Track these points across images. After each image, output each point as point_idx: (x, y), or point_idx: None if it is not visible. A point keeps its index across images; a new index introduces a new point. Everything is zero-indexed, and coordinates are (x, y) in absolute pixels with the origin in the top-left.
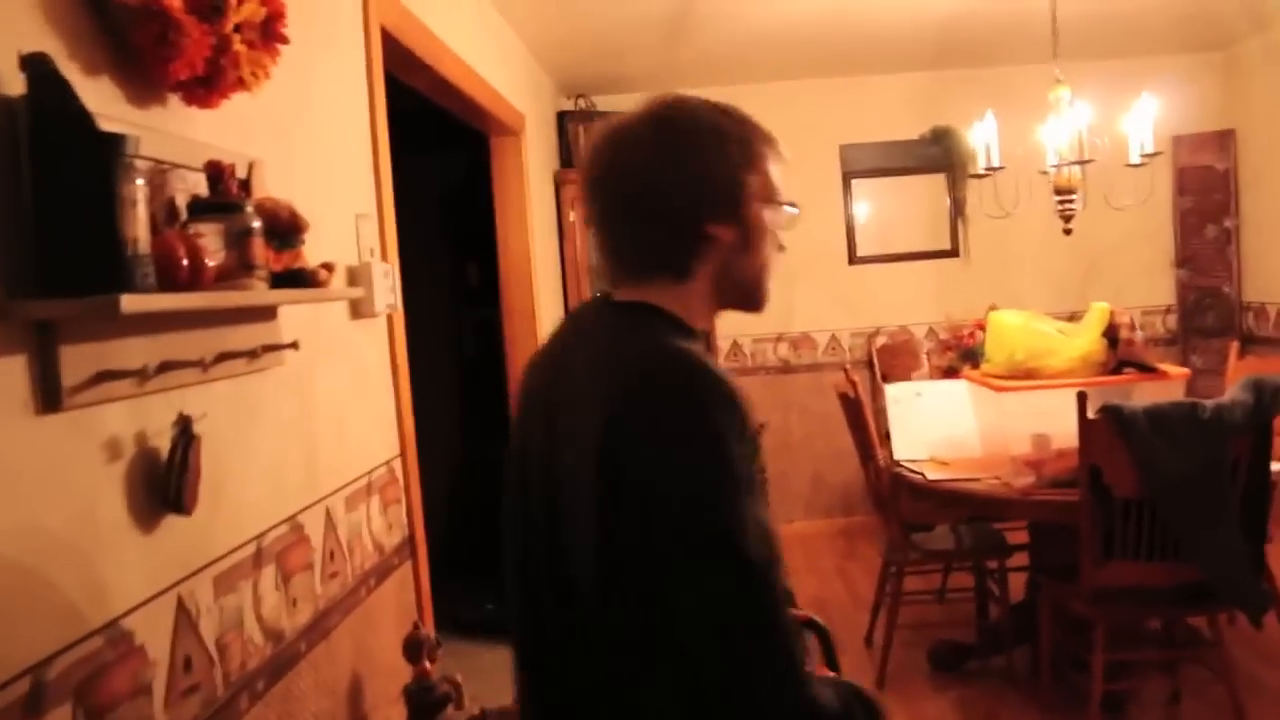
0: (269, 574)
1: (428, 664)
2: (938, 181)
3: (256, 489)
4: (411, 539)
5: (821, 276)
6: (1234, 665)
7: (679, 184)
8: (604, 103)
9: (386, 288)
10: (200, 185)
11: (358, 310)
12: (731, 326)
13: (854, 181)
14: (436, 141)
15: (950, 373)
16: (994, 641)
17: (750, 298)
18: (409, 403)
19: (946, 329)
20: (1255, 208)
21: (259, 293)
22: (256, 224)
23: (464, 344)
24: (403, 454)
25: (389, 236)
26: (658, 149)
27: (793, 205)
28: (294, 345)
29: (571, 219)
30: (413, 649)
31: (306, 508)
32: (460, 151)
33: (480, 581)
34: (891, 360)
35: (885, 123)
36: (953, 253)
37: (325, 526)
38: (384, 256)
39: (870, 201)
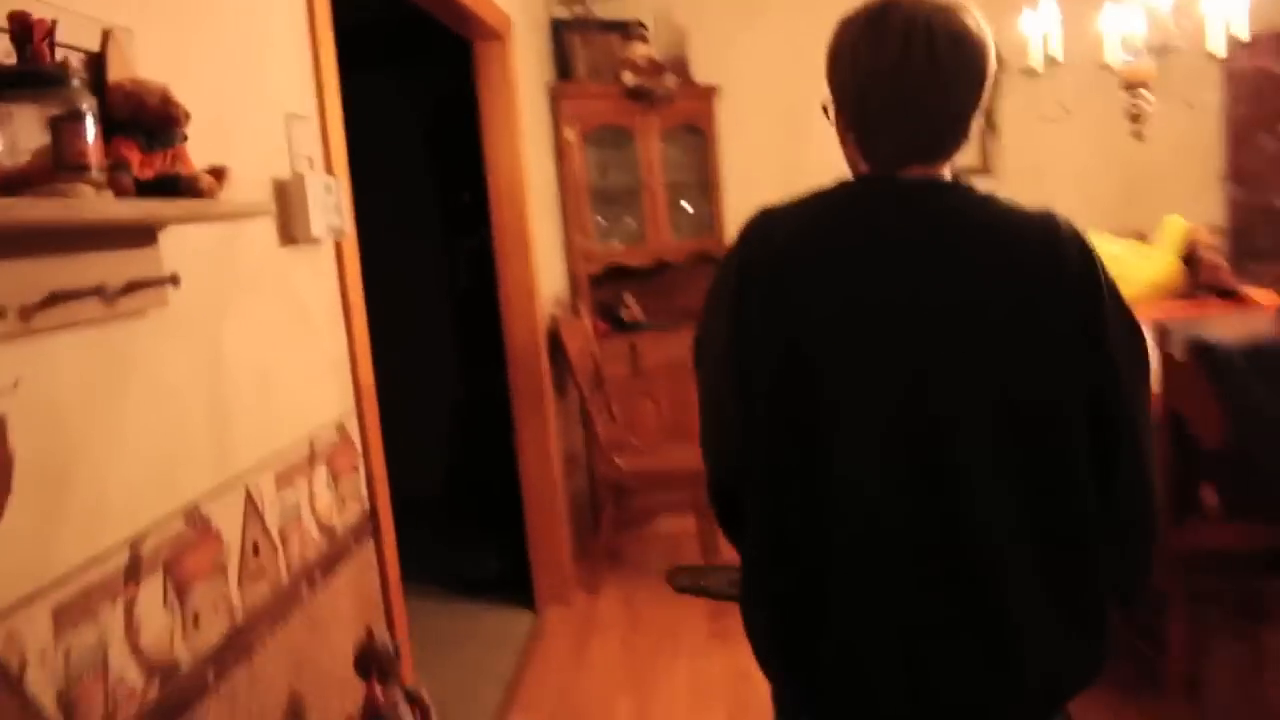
0: (152, 588)
1: (381, 684)
2: None
3: (128, 476)
4: (373, 513)
5: None
6: None
7: (978, 81)
8: (603, 10)
9: (328, 206)
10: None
11: (289, 234)
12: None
13: None
14: (423, 55)
15: None
16: None
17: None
18: (365, 346)
19: None
20: None
21: (87, 202)
22: (86, 105)
23: (457, 275)
24: (359, 409)
25: (334, 144)
26: (966, 48)
27: None
28: (173, 280)
29: (568, 136)
30: (362, 663)
31: (212, 493)
32: (449, 66)
33: (485, 533)
34: None
35: None
36: (981, 169)
37: (244, 514)
38: (328, 168)
39: None
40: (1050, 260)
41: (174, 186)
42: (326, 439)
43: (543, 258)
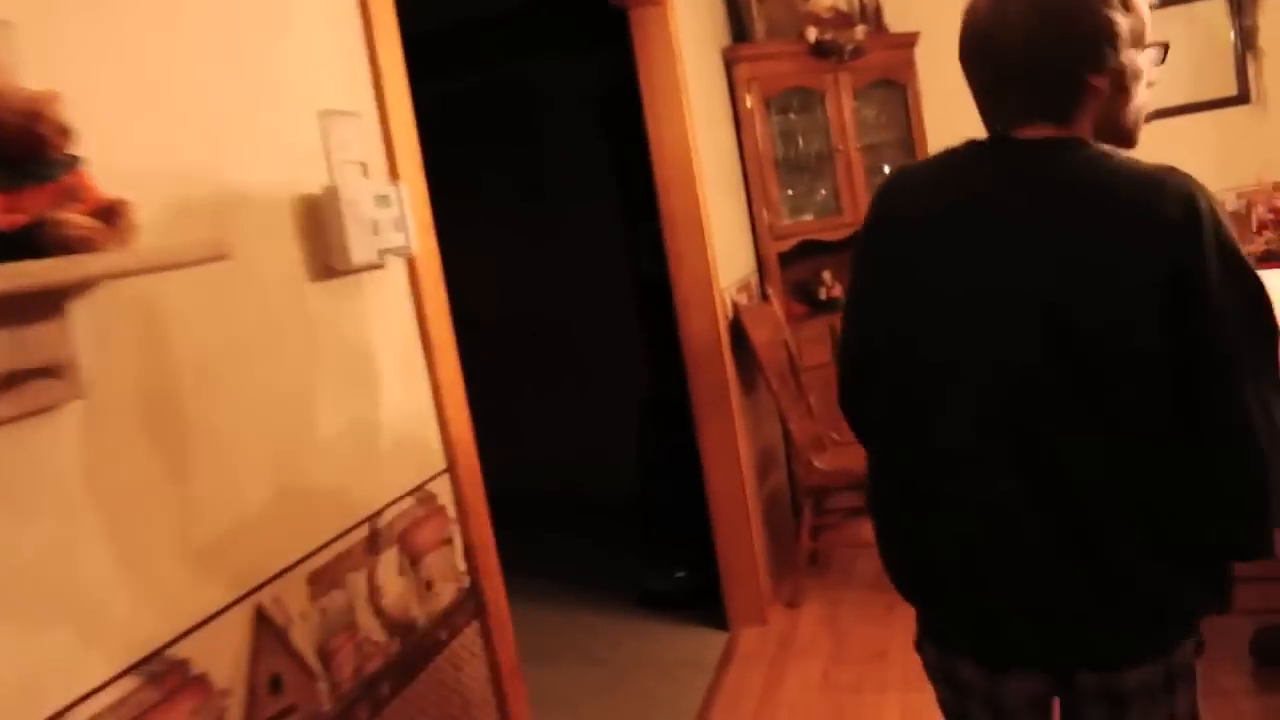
0: None
1: None
2: (1214, 8)
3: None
4: (474, 590)
5: None
6: None
7: (1062, 41)
8: None
9: (386, 222)
10: None
11: (323, 265)
12: None
13: None
14: (593, 40)
15: (1271, 260)
16: None
17: (1127, 137)
18: (458, 389)
19: (1250, 198)
20: None
21: None
22: None
23: (639, 263)
24: (452, 467)
25: (402, 144)
26: (1038, 9)
27: (1161, 44)
28: (46, 373)
29: (749, 104)
30: None
31: (187, 633)
32: (620, 46)
33: (672, 545)
34: None
35: None
36: (1240, 98)
37: (252, 646)
38: (392, 173)
39: None
40: (1146, 218)
41: (28, 242)
42: (399, 515)
43: (723, 240)
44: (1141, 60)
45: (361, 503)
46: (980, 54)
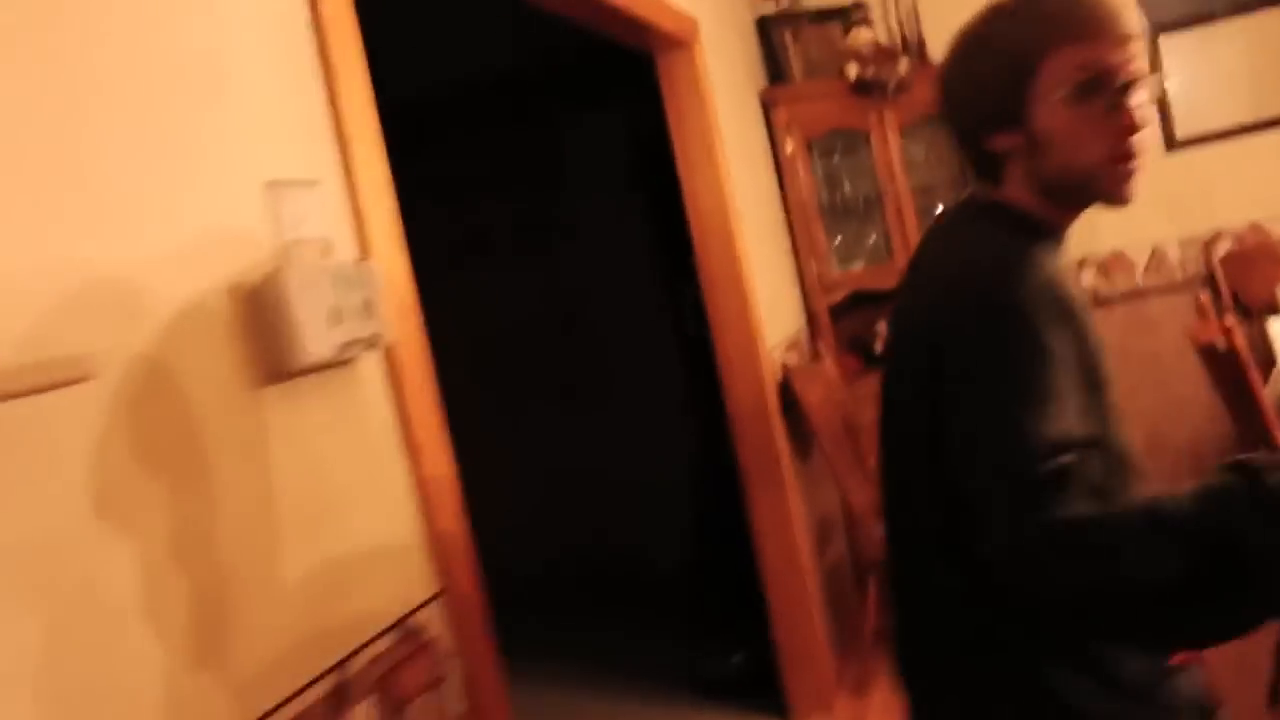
0: None
1: None
2: (1277, 18)
3: None
4: None
5: None
6: None
7: (961, 100)
8: None
9: (353, 308)
10: None
11: (272, 366)
12: None
13: (1160, 38)
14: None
15: None
16: None
17: (1082, 193)
18: (452, 495)
19: None
20: None
21: None
22: None
23: (683, 321)
24: (444, 591)
25: (374, 215)
26: (950, 64)
27: (1130, 81)
28: None
29: (789, 149)
30: None
31: None
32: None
33: (729, 617)
34: (1244, 274)
35: None
36: None
37: None
38: (363, 250)
39: (1185, 62)
40: (948, 306)
41: None
42: (375, 658)
43: (768, 296)
44: (1078, 104)
45: (323, 651)
46: None
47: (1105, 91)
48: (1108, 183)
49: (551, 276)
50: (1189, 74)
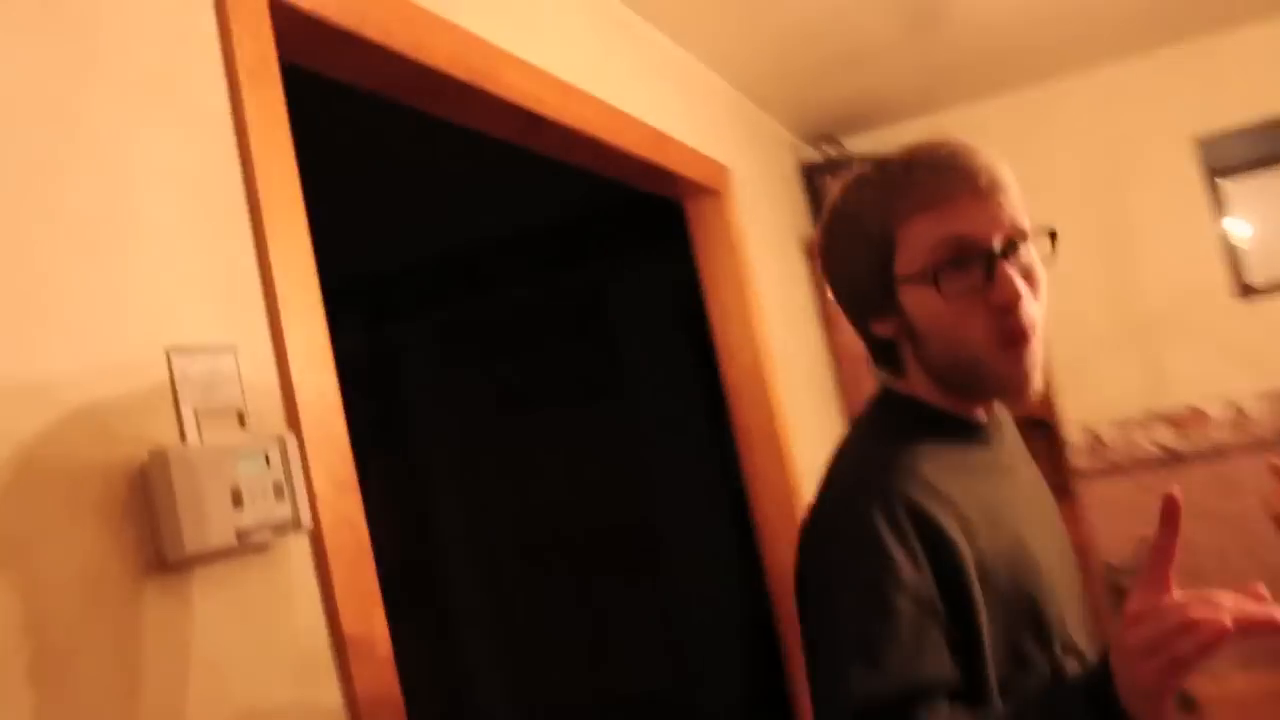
0: None
1: None
2: None
3: None
4: None
5: (1198, 322)
6: None
7: (838, 283)
8: (860, 144)
9: (260, 488)
10: None
11: (155, 554)
12: (1082, 409)
13: (1223, 183)
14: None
15: None
16: None
17: (978, 385)
18: (395, 710)
19: None
20: None
21: None
22: None
23: (730, 481)
24: None
25: (306, 382)
26: (823, 242)
27: (991, 244)
28: None
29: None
30: None
31: None
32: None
33: None
34: None
35: (1256, 93)
36: None
37: None
38: (291, 422)
39: (1255, 206)
40: (805, 524)
41: None
42: None
43: (810, 454)
44: (935, 290)
45: None
46: None
47: (970, 265)
48: (998, 371)
49: (602, 428)
50: (1259, 218)
